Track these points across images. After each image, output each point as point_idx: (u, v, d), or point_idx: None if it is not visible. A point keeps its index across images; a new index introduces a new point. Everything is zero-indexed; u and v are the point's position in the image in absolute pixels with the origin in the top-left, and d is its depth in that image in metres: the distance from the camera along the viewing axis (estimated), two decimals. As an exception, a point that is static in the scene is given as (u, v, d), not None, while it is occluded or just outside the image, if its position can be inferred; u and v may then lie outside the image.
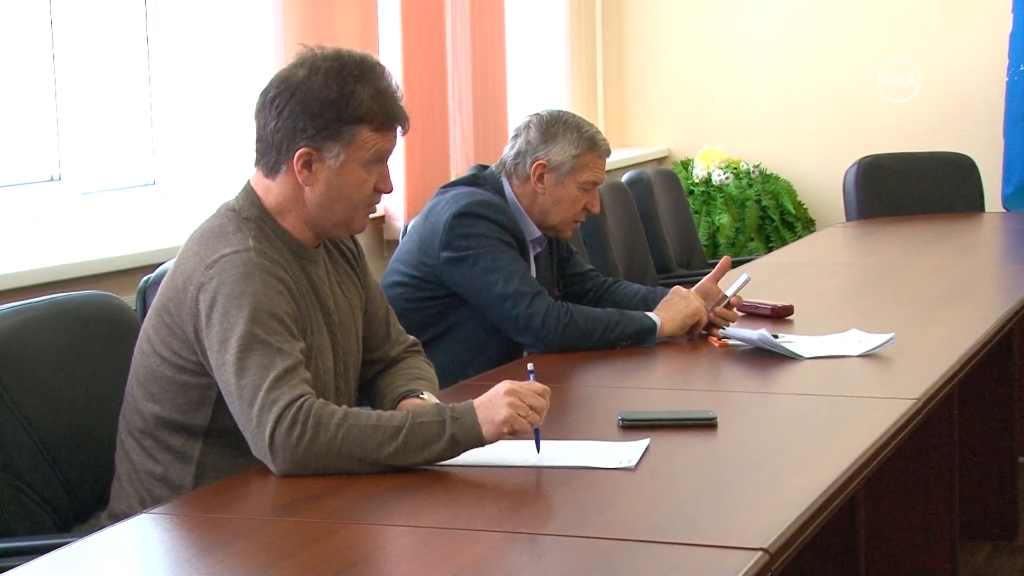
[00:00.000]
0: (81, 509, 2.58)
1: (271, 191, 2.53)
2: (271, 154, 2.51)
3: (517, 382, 2.38)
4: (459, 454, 2.34)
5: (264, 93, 2.53)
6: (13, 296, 3.14)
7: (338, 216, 2.53)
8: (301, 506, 2.20)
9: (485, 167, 3.59)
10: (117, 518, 2.39)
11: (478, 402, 2.36)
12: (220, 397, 2.41)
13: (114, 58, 4.14)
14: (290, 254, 2.52)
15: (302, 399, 2.31)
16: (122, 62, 4.17)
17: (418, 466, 2.33)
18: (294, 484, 2.30)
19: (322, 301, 2.57)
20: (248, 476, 2.35)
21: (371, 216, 2.65)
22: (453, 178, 4.53)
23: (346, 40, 4.44)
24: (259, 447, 2.32)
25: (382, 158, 2.54)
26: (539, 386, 2.40)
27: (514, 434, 2.35)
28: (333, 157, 2.49)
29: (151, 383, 2.48)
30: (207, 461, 2.47)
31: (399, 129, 2.55)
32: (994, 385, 4.19)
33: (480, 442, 2.34)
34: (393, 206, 4.85)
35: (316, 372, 2.50)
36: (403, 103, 2.55)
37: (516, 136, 3.53)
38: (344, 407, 2.35)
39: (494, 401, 2.35)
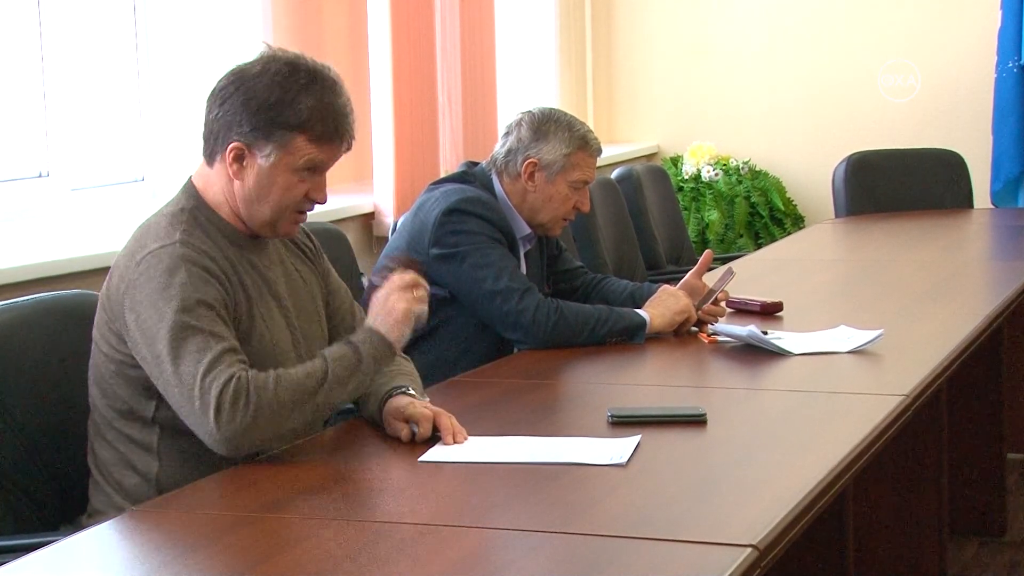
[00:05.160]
0: (67, 507, 2.57)
1: (210, 182, 2.56)
2: (210, 143, 2.55)
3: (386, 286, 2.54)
4: (380, 370, 2.50)
5: (217, 82, 2.56)
6: (1, 292, 3.13)
7: (264, 215, 2.54)
8: (286, 504, 2.20)
9: (475, 164, 3.59)
10: (98, 515, 2.40)
11: (371, 320, 2.52)
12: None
13: (103, 54, 4.13)
14: (227, 243, 2.54)
15: (237, 375, 2.36)
16: (111, 58, 4.16)
17: (349, 400, 2.49)
18: (279, 481, 2.30)
19: (270, 284, 2.58)
20: (233, 473, 2.35)
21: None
22: (443, 175, 4.53)
23: (335, 37, 4.44)
24: (205, 428, 2.35)
25: (316, 168, 2.54)
26: (401, 277, 2.54)
27: (417, 318, 2.52)
28: (264, 157, 2.51)
29: (100, 379, 2.51)
30: (166, 446, 2.48)
31: (340, 146, 2.55)
32: (983, 381, 4.20)
33: (391, 349, 2.49)
34: (383, 202, 4.85)
35: (271, 353, 2.51)
36: (351, 120, 2.55)
37: (507, 134, 3.53)
38: (271, 371, 2.40)
39: (387, 307, 2.51)
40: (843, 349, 3.22)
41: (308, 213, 2.60)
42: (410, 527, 2.10)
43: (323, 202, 2.59)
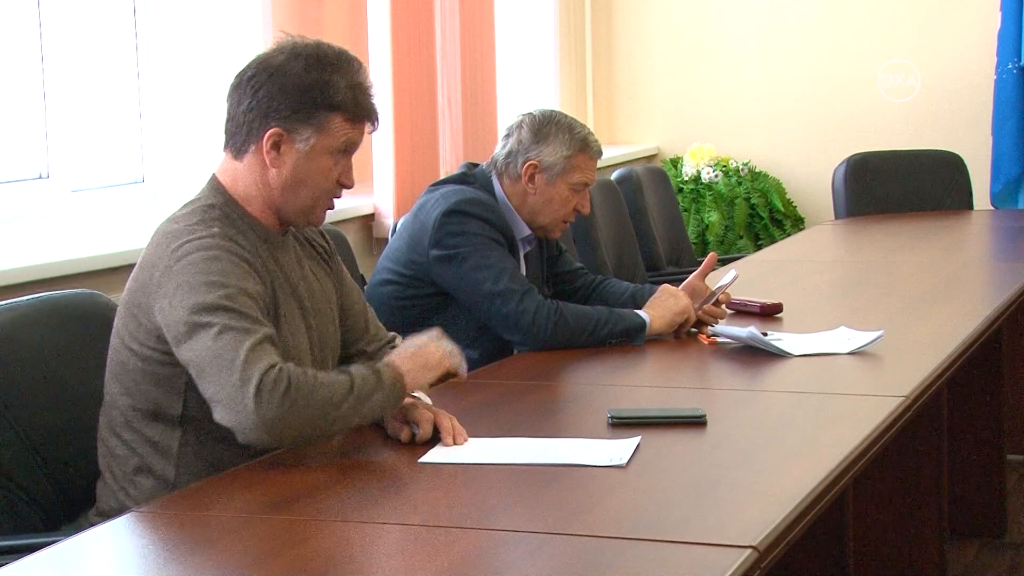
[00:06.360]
0: (69, 508, 2.57)
1: (237, 177, 2.54)
2: (241, 134, 2.54)
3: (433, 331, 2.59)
4: (387, 406, 2.45)
5: (241, 74, 2.55)
6: (1, 294, 3.13)
7: (301, 202, 2.54)
8: (288, 504, 2.20)
9: (475, 165, 3.59)
10: (106, 516, 2.39)
11: (399, 352, 2.53)
12: (190, 386, 2.41)
13: (103, 56, 4.13)
14: (257, 239, 2.53)
15: (280, 365, 2.33)
16: (111, 60, 4.17)
17: (357, 424, 2.42)
18: (281, 482, 2.30)
19: (293, 285, 2.58)
20: (235, 474, 2.35)
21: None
22: (443, 176, 4.53)
23: (335, 37, 4.43)
24: (240, 405, 2.29)
25: (349, 149, 2.56)
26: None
27: (444, 378, 2.55)
28: (303, 141, 2.51)
29: (124, 377, 2.48)
30: (187, 450, 2.46)
31: (368, 126, 2.58)
32: (983, 382, 4.20)
33: (401, 388, 2.45)
34: (383, 204, 4.85)
35: (291, 356, 2.50)
36: (375, 101, 2.58)
37: (508, 135, 3.53)
38: (309, 369, 2.39)
39: (423, 347, 2.53)
40: (843, 350, 3.22)
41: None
42: (410, 527, 2.10)
43: (351, 186, 2.60)
